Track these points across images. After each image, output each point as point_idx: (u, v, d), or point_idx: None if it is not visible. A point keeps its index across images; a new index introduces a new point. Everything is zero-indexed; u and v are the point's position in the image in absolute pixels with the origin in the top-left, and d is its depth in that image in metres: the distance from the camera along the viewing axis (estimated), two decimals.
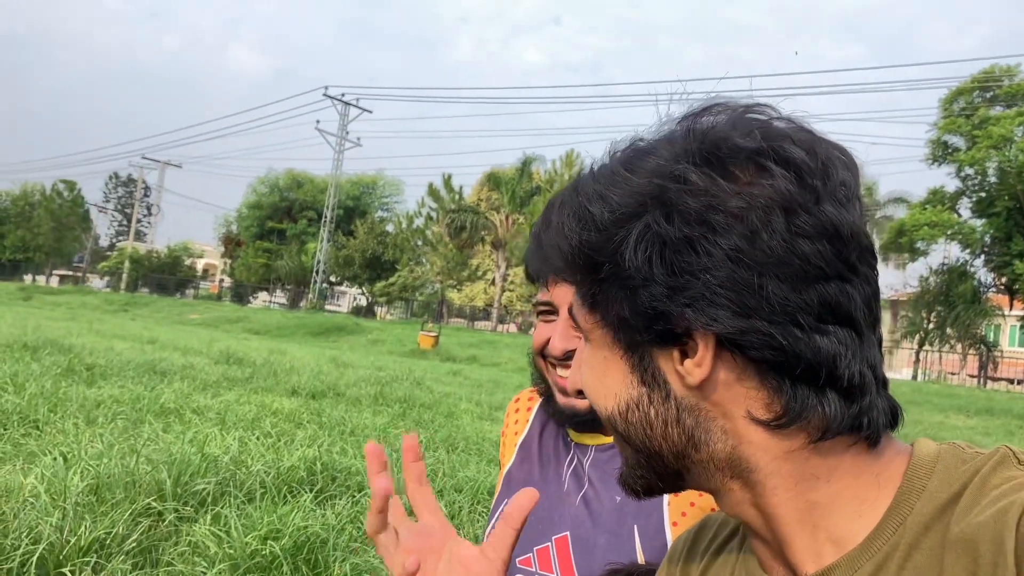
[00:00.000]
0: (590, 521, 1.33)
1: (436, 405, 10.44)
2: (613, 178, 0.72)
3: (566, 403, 1.37)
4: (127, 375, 9.64)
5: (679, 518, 1.27)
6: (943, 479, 0.65)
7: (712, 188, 0.67)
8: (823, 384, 0.66)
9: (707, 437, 0.70)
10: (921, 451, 0.69)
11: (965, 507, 0.62)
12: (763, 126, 0.69)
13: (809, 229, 0.65)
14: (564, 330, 1.34)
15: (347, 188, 58.19)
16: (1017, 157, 32.19)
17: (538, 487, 1.43)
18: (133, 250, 62.93)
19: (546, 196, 43.36)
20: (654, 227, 0.68)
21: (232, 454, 5.11)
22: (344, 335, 32.99)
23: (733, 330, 0.65)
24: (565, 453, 1.44)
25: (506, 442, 1.57)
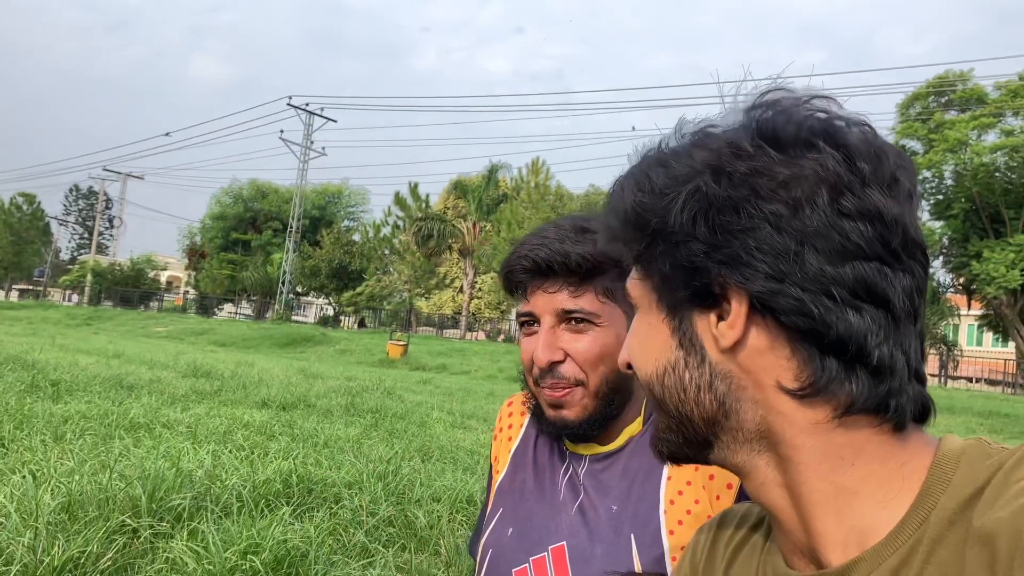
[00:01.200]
0: (586, 531, 1.32)
1: (408, 415, 10.40)
2: (677, 151, 0.76)
3: (556, 416, 1.35)
4: (94, 390, 9.48)
5: (675, 526, 1.27)
6: (967, 473, 0.66)
7: (760, 155, 0.70)
8: (852, 359, 0.68)
9: (737, 405, 0.72)
10: (947, 445, 0.70)
11: (987, 501, 0.62)
12: (823, 111, 0.72)
13: (852, 208, 0.67)
14: (547, 340, 1.32)
15: (312, 198, 57.84)
16: (972, 160, 32.86)
17: (533, 497, 1.44)
18: (95, 263, 61.99)
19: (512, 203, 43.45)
20: (703, 188, 0.71)
21: (206, 468, 5.06)
22: (311, 346, 32.74)
23: (765, 291, 0.68)
24: (560, 462, 1.43)
25: (499, 447, 1.55)
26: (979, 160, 32.68)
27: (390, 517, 4.45)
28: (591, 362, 1.32)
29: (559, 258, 1.30)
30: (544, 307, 1.33)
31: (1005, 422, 19.76)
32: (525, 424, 1.54)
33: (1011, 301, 33.74)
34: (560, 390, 1.33)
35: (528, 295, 1.36)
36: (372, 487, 4.93)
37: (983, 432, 18.29)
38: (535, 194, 44.45)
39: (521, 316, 1.38)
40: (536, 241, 1.33)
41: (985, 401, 24.24)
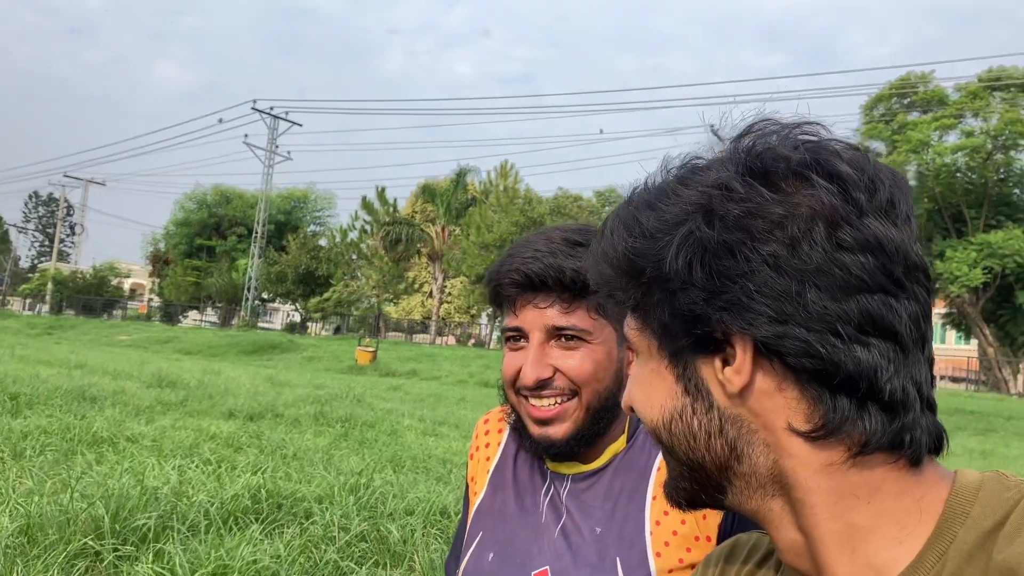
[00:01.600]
0: (570, 554, 1.28)
1: (379, 423, 10.27)
2: (665, 190, 0.74)
3: (541, 434, 1.29)
4: (55, 403, 9.24)
5: (662, 548, 1.23)
6: (986, 507, 0.65)
7: (753, 196, 0.68)
8: (863, 397, 0.66)
9: (749, 450, 0.71)
10: (963, 478, 0.69)
11: (1008, 535, 0.61)
12: (811, 141, 0.71)
13: (851, 241, 0.65)
14: (536, 357, 1.27)
15: (278, 203, 57.39)
16: (934, 161, 33.40)
17: (513, 520, 1.37)
18: (56, 271, 61.00)
19: (481, 207, 43.43)
20: (696, 233, 0.69)
21: (172, 484, 4.92)
22: (279, 353, 32.45)
23: (770, 335, 0.66)
24: (541, 482, 1.38)
25: (476, 467, 1.48)
26: (941, 160, 33.25)
27: (363, 532, 4.35)
28: (583, 379, 1.27)
29: (553, 273, 1.25)
30: (534, 323, 1.28)
31: (969, 419, 20.09)
32: (503, 442, 1.47)
33: (973, 299, 34.32)
34: (551, 407, 1.28)
35: (516, 309, 1.30)
36: (343, 501, 4.82)
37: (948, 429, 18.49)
38: (504, 197, 44.44)
39: (508, 331, 1.32)
40: (528, 254, 1.27)
41: (950, 398, 24.64)
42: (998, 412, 21.28)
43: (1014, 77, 33.59)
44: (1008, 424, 19.65)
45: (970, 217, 34.87)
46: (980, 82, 34.10)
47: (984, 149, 32.95)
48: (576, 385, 1.27)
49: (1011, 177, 34.79)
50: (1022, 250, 31.66)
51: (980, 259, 32.37)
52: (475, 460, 1.50)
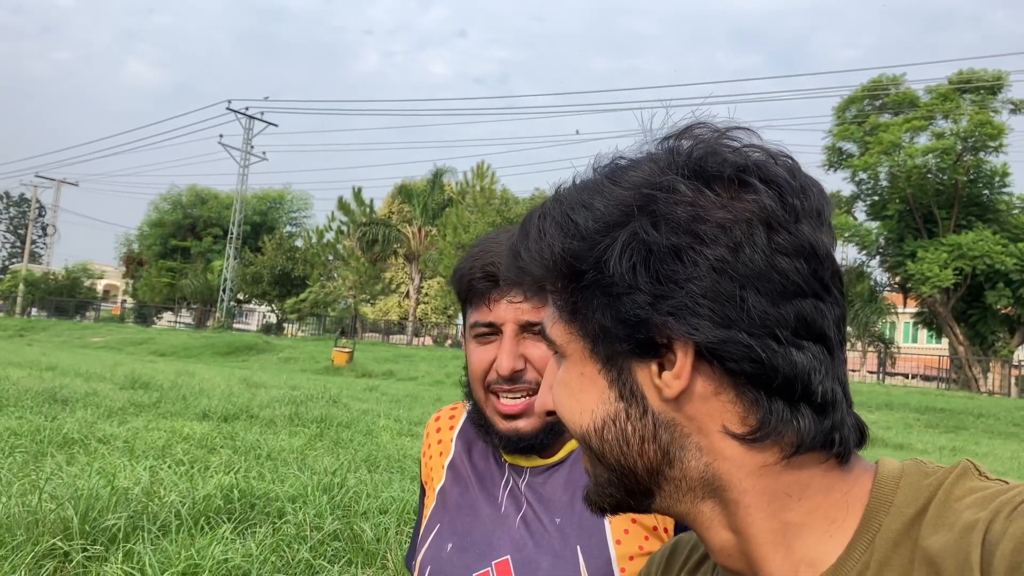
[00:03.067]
0: (532, 543, 1.29)
1: (354, 423, 10.25)
2: (598, 188, 0.72)
3: (509, 428, 1.31)
4: (25, 405, 9.15)
5: (622, 536, 1.25)
6: (908, 494, 0.66)
7: (699, 199, 0.68)
8: (798, 399, 0.67)
9: (682, 453, 0.70)
10: (885, 468, 0.70)
11: (931, 521, 0.63)
12: (749, 146, 0.71)
13: (788, 246, 0.66)
14: (511, 348, 1.29)
15: (253, 203, 56.98)
16: (906, 162, 33.75)
17: (472, 510, 1.39)
18: (28, 272, 60.18)
19: (458, 207, 43.36)
20: (641, 235, 0.68)
21: (143, 485, 4.89)
22: (254, 354, 32.22)
23: (714, 340, 0.66)
24: (499, 474, 1.39)
25: (431, 464, 1.49)
26: (912, 162, 33.58)
27: (336, 531, 4.34)
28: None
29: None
30: (508, 316, 1.30)
31: (940, 416, 20.32)
32: (455, 438, 1.49)
33: (944, 299, 34.71)
34: (520, 400, 1.30)
35: (490, 304, 1.31)
36: (317, 500, 4.82)
37: (919, 426, 18.78)
38: (480, 198, 44.40)
39: (480, 325, 1.33)
40: (501, 249, 1.29)
41: (921, 397, 24.93)
42: (968, 410, 21.55)
43: (983, 79, 34.01)
44: (978, 422, 19.91)
45: (941, 218, 35.25)
46: (950, 84, 34.48)
47: (954, 151, 33.31)
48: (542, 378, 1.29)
49: (981, 178, 35.18)
50: (991, 251, 32.05)
51: (951, 260, 32.73)
52: (428, 457, 1.51)
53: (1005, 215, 34.67)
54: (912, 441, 15.22)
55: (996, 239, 32.52)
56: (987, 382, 34.26)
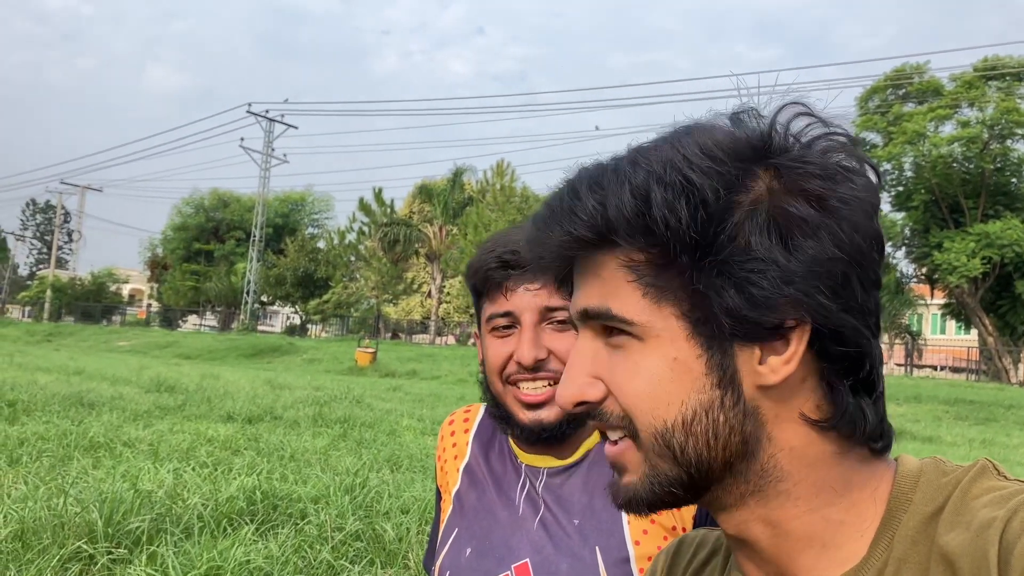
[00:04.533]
0: (551, 546, 1.28)
1: (377, 423, 10.27)
2: (711, 152, 0.65)
3: (532, 419, 1.28)
4: (52, 410, 9.24)
5: (641, 536, 1.24)
6: (926, 492, 0.65)
7: (828, 172, 0.65)
8: (866, 388, 0.67)
9: (756, 445, 0.67)
10: (905, 465, 0.69)
11: (948, 519, 0.62)
12: (846, 131, 0.69)
13: (875, 235, 0.66)
14: (532, 337, 1.26)
15: (275, 206, 57.35)
16: (931, 152, 33.37)
17: (490, 514, 1.36)
18: (55, 278, 60.94)
19: (478, 206, 43.41)
20: (780, 205, 0.64)
21: (167, 488, 4.92)
22: (279, 356, 32.42)
23: (835, 325, 0.64)
24: (516, 477, 1.37)
25: (446, 468, 1.48)
26: (937, 152, 33.19)
27: (357, 531, 4.34)
28: None
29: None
30: (526, 305, 1.27)
31: (970, 408, 20.07)
32: (471, 442, 1.47)
33: (972, 290, 34.29)
34: (543, 390, 1.27)
35: (506, 293, 1.28)
36: (339, 501, 4.82)
37: (949, 419, 18.56)
38: (501, 196, 44.43)
39: (497, 316, 1.30)
40: (516, 236, 1.27)
41: (950, 389, 24.61)
42: (998, 401, 21.26)
43: (1009, 66, 33.55)
44: (1008, 413, 19.62)
45: (968, 207, 34.83)
46: (975, 72, 34.04)
47: (980, 139, 32.90)
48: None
49: (1008, 166, 34.73)
50: (1020, 239, 31.62)
51: (978, 249, 32.33)
52: (444, 461, 1.50)
53: None
54: (941, 434, 15.03)
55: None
56: (1018, 373, 33.81)
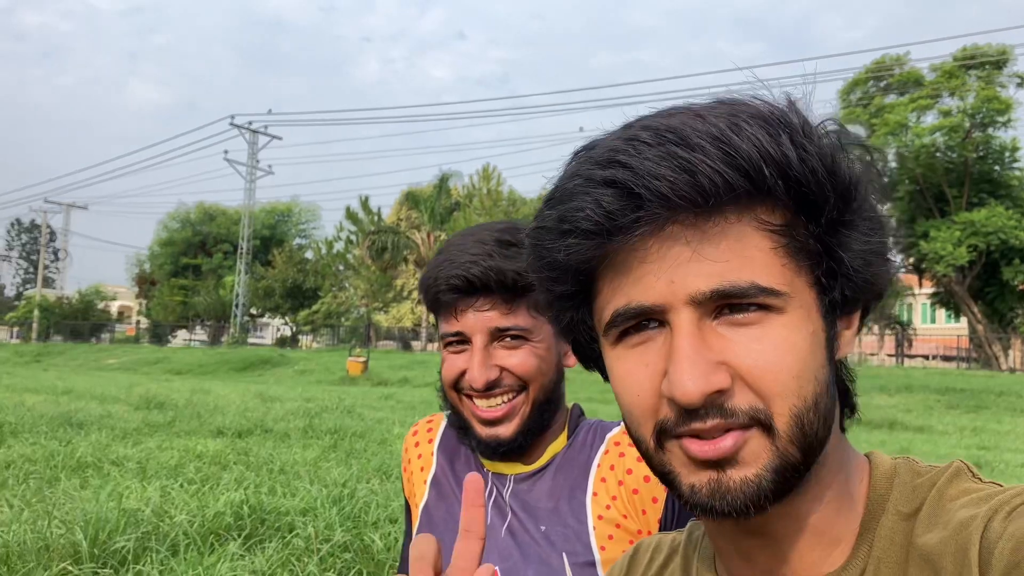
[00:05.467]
0: (518, 553, 1.28)
1: (368, 433, 10.23)
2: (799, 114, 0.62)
3: (489, 434, 1.28)
4: (40, 431, 9.17)
5: (606, 542, 1.24)
6: (903, 493, 0.65)
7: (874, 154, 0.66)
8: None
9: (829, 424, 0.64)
10: (879, 466, 0.68)
11: (925, 520, 0.62)
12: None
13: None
14: (481, 359, 1.26)
15: (262, 218, 57.19)
16: (914, 142, 33.51)
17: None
18: (42, 298, 60.61)
19: (465, 211, 43.39)
20: (877, 168, 0.65)
21: (153, 505, 4.88)
22: (269, 368, 32.29)
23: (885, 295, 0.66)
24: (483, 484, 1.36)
25: (412, 479, 1.47)
26: (920, 142, 33.34)
27: (345, 542, 4.31)
28: (530, 375, 1.27)
29: (494, 275, 1.24)
30: (476, 326, 1.27)
31: (961, 396, 20.15)
32: (435, 451, 1.47)
33: (960, 278, 34.45)
34: (500, 406, 1.27)
35: (456, 314, 1.28)
36: (327, 512, 4.79)
37: (940, 407, 18.62)
38: (488, 200, 44.45)
39: (448, 336, 1.30)
40: (464, 258, 1.26)
41: (941, 378, 24.71)
42: (989, 388, 21.35)
43: (988, 54, 33.74)
44: (999, 400, 19.71)
45: (952, 196, 34.99)
46: (955, 61, 34.22)
47: (962, 128, 33.06)
48: (524, 381, 1.27)
49: (990, 154, 34.91)
50: (1005, 227, 31.78)
51: (964, 238, 32.48)
52: (410, 474, 1.49)
53: (1017, 190, 34.38)
54: (933, 423, 15.08)
55: (1009, 214, 32.26)
56: (1008, 359, 33.97)
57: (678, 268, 0.60)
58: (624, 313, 0.63)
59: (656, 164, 0.57)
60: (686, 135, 0.57)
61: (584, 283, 0.67)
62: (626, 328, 0.64)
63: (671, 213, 0.58)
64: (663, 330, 0.62)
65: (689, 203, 0.57)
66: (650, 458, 0.65)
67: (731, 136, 0.57)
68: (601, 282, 0.65)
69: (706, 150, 0.57)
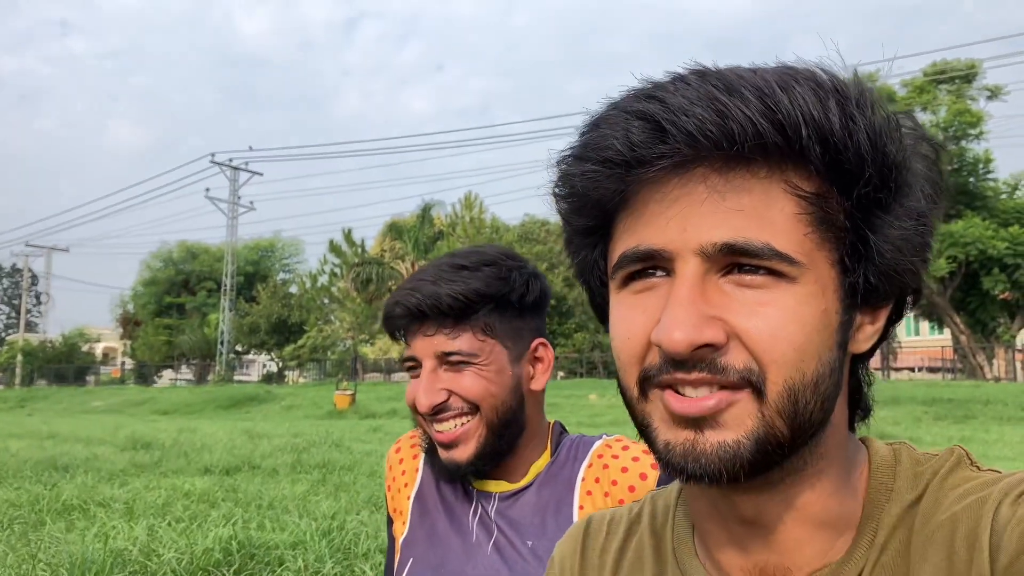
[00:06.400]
0: (506, 569, 1.28)
1: (357, 466, 10.16)
2: (869, 91, 0.60)
3: (447, 458, 1.30)
4: (24, 475, 9.07)
5: None
6: (906, 480, 0.65)
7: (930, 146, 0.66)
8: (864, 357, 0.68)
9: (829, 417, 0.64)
10: (878, 451, 0.68)
11: (928, 507, 0.62)
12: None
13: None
14: (428, 383, 1.29)
15: (245, 254, 57.00)
16: None
17: (444, 540, 1.37)
18: (25, 342, 60.05)
19: (449, 240, 43.45)
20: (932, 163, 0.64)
21: (140, 545, 4.83)
22: (256, 405, 32.04)
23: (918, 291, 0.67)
24: (468, 502, 1.38)
25: (396, 496, 1.47)
26: None
27: (336, 574, 4.28)
28: (477, 396, 1.28)
29: (430, 301, 1.27)
30: (424, 351, 1.30)
31: (948, 407, 20.21)
32: (420, 467, 1.47)
33: (941, 289, 34.69)
34: (452, 430, 1.28)
35: (409, 339, 1.32)
36: (316, 545, 4.76)
37: (928, 419, 18.66)
38: (471, 228, 44.52)
39: (406, 360, 1.34)
40: (410, 285, 1.30)
41: (927, 389, 24.80)
42: (975, 398, 21.43)
43: (957, 69, 34.26)
44: (986, 409, 19.79)
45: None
46: (926, 76, 34.72)
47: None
48: (473, 403, 1.28)
49: (965, 167, 35.32)
50: (983, 237, 32.11)
51: (943, 249, 32.76)
52: (395, 491, 1.49)
53: (993, 201, 34.76)
54: (921, 434, 15.11)
55: (986, 224, 32.59)
56: (992, 369, 34.15)
57: (693, 214, 0.58)
58: (631, 255, 0.61)
59: (690, 102, 0.56)
60: (731, 82, 0.57)
61: (602, 220, 0.65)
62: (632, 272, 0.62)
63: (696, 153, 0.57)
64: (669, 280, 0.60)
65: (714, 145, 0.56)
66: (632, 408, 0.63)
67: (776, 91, 0.56)
68: (618, 223, 0.64)
69: (745, 98, 0.55)
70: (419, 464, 1.47)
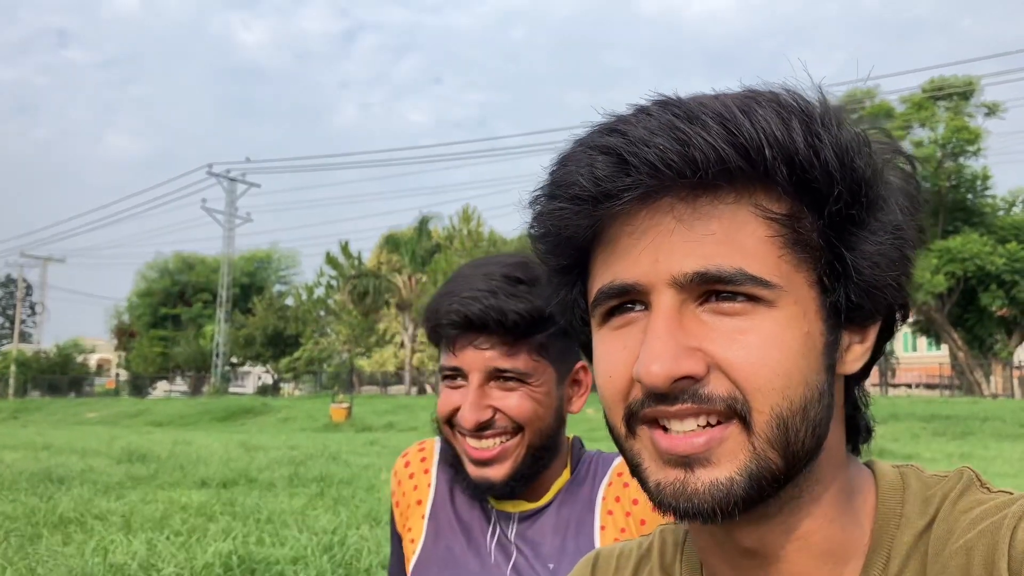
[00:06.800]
0: None
1: (355, 479, 10.09)
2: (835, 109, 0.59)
3: (480, 475, 1.24)
4: (20, 487, 8.98)
5: None
6: (915, 506, 0.63)
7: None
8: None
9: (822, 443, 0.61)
10: (885, 476, 0.66)
11: (941, 534, 0.60)
12: None
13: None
14: (475, 399, 1.22)
15: (241, 265, 56.96)
16: None
17: (461, 563, 1.31)
18: (19, 353, 59.86)
19: (447, 253, 43.46)
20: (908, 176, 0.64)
21: (140, 559, 4.76)
22: (252, 417, 31.94)
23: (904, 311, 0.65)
24: (486, 522, 1.32)
25: (407, 513, 1.40)
26: None
27: None
28: (525, 418, 1.22)
29: (494, 315, 1.19)
30: (473, 364, 1.23)
31: (946, 423, 20.21)
32: (433, 482, 1.40)
33: (939, 305, 34.75)
34: (492, 448, 1.23)
35: (455, 349, 1.24)
36: (317, 560, 4.69)
37: (926, 435, 18.65)
38: (468, 241, 44.51)
39: (446, 369, 1.27)
40: (468, 294, 1.22)
41: (926, 405, 24.80)
42: (974, 415, 21.44)
43: (955, 85, 34.42)
44: (984, 426, 19.78)
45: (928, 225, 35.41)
46: (924, 93, 34.88)
47: (934, 158, 33.59)
48: (518, 424, 1.23)
49: (963, 183, 35.46)
50: (981, 253, 32.19)
51: (941, 265, 32.83)
52: (404, 507, 1.42)
53: (990, 217, 34.91)
54: (920, 451, 15.09)
55: (984, 240, 32.69)
56: (990, 385, 34.17)
57: (663, 245, 0.58)
58: (608, 291, 0.61)
59: (651, 133, 0.56)
60: (692, 109, 0.57)
61: (578, 258, 0.65)
62: (611, 308, 0.62)
63: (661, 184, 0.56)
64: (647, 313, 0.60)
65: (678, 174, 0.55)
66: (622, 446, 0.63)
67: (737, 115, 0.55)
68: (593, 259, 0.64)
69: (706, 124, 0.55)
70: (431, 479, 1.40)
